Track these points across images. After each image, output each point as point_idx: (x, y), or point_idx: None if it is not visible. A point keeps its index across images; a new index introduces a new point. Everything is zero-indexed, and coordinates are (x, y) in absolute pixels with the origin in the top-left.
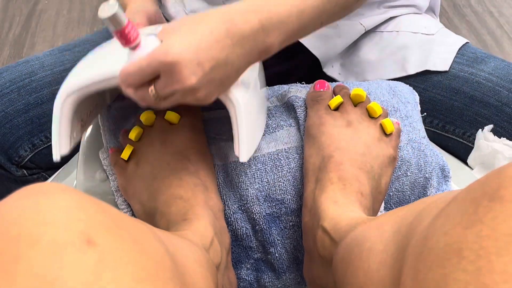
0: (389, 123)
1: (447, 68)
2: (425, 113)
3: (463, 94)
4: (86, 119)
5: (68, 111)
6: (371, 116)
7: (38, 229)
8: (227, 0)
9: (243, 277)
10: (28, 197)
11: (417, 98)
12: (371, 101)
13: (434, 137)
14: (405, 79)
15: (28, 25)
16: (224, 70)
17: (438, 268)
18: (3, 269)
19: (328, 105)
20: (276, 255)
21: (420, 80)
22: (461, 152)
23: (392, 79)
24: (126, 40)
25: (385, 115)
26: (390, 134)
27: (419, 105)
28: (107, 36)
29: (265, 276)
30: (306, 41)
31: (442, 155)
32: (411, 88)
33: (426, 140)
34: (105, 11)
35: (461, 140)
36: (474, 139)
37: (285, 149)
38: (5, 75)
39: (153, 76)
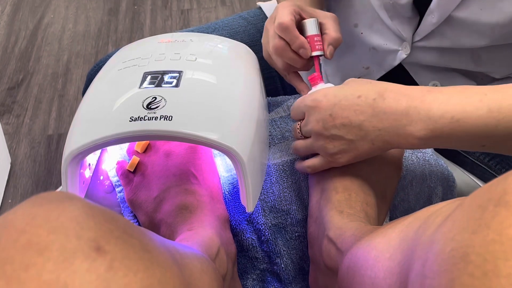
0: None
1: None
2: None
3: None
4: (93, 161)
5: (74, 170)
6: None
7: (47, 237)
8: (373, 48)
9: None
10: (38, 205)
11: None
12: None
13: None
14: None
15: (34, 39)
16: (356, 134)
17: (445, 273)
18: (13, 276)
19: None
20: (282, 265)
21: None
22: None
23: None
24: (312, 47)
25: None
26: None
27: None
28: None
29: (271, 287)
30: None
31: (447, 165)
32: None
33: (430, 150)
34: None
35: None
36: None
37: (290, 159)
38: None
39: (303, 115)
